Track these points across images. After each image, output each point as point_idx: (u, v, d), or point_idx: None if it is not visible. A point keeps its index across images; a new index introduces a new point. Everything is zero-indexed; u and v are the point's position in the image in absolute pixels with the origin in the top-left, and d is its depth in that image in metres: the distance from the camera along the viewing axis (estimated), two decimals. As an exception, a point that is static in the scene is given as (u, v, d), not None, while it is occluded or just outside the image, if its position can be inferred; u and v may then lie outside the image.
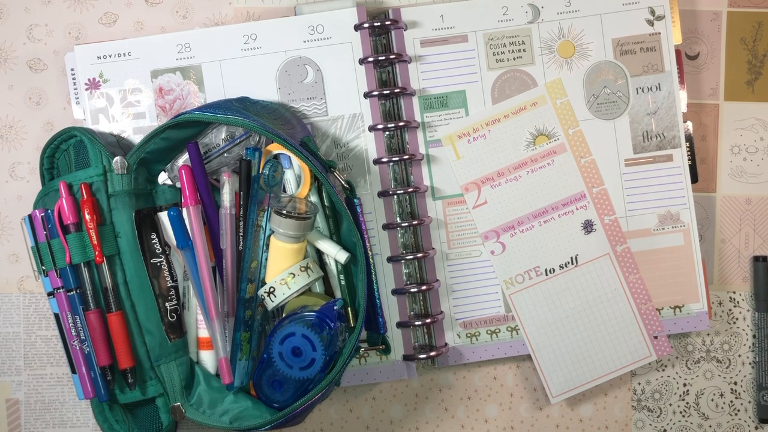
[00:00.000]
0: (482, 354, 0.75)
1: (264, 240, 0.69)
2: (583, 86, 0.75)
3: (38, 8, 0.77)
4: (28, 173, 0.77)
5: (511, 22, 0.75)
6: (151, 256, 0.70)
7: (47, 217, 0.68)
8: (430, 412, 0.77)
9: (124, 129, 0.74)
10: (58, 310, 0.68)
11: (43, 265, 0.68)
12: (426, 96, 0.74)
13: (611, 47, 0.75)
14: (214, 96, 0.73)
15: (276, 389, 0.69)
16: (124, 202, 0.68)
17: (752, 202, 0.78)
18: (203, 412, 0.69)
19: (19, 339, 0.76)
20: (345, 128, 0.74)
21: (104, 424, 0.69)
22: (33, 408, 0.76)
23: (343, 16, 0.73)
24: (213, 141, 0.70)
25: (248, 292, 0.68)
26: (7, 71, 0.77)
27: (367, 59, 0.73)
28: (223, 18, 0.77)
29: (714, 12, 0.78)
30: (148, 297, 0.69)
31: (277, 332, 0.66)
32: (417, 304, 0.75)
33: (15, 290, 0.77)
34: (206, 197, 0.68)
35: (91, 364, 0.68)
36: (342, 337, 0.68)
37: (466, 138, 0.75)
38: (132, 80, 0.74)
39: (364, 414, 0.77)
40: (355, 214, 0.69)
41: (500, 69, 0.75)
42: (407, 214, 0.75)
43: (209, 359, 0.72)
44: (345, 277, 0.71)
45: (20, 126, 0.77)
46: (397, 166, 0.74)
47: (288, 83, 0.73)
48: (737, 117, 0.78)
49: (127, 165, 0.68)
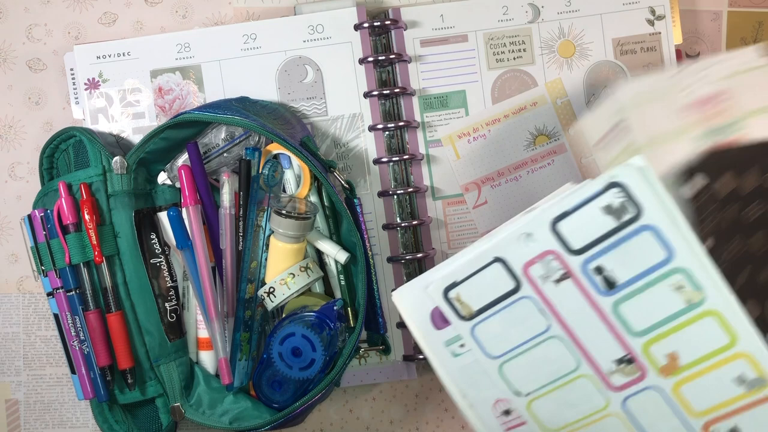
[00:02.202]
0: (482, 354, 0.75)
1: (264, 240, 0.69)
2: (584, 86, 0.75)
3: (38, 8, 0.77)
4: (27, 173, 0.77)
5: (511, 21, 0.74)
6: (151, 256, 0.70)
7: (47, 217, 0.68)
8: (430, 413, 0.77)
9: (124, 129, 0.74)
10: (57, 311, 0.68)
11: (42, 265, 0.68)
12: (426, 96, 0.74)
13: (611, 47, 0.75)
14: (214, 96, 0.73)
15: (276, 389, 0.69)
16: (123, 202, 0.68)
17: (752, 202, 0.78)
18: (203, 413, 0.69)
19: (18, 339, 0.76)
20: (345, 128, 0.74)
21: (104, 425, 0.69)
22: (32, 408, 0.76)
23: (343, 16, 0.73)
24: (213, 141, 0.70)
25: (248, 292, 0.68)
26: (7, 71, 0.77)
27: (367, 59, 0.73)
28: (223, 18, 0.77)
29: (714, 12, 0.78)
30: (147, 297, 0.69)
31: (277, 332, 0.66)
32: (417, 305, 0.75)
33: (14, 290, 0.77)
34: (206, 197, 0.68)
35: (90, 364, 0.68)
36: (342, 337, 0.68)
37: (466, 138, 0.75)
38: (131, 80, 0.74)
39: (364, 414, 0.77)
40: (355, 214, 0.69)
41: (500, 69, 0.75)
42: (407, 214, 0.74)
43: (209, 359, 0.72)
44: (345, 277, 0.70)
45: (20, 126, 0.77)
46: (397, 166, 0.74)
47: (288, 83, 0.73)
48: (737, 117, 0.78)
49: (126, 165, 0.68)
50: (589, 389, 0.47)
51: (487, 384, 0.50)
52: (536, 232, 0.44)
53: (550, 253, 0.45)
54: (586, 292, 0.45)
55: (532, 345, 0.48)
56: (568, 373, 0.48)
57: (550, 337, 0.47)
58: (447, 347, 0.51)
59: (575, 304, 0.45)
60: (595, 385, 0.47)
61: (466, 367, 0.51)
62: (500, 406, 0.51)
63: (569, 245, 0.44)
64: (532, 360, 0.47)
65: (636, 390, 0.47)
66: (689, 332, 0.45)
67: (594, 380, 0.47)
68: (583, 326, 0.46)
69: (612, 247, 0.44)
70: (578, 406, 0.48)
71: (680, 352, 0.45)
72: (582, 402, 0.48)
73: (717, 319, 0.44)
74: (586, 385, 0.47)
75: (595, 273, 0.44)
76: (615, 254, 0.44)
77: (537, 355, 0.47)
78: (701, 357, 0.45)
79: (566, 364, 0.47)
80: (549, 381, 0.48)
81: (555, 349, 0.47)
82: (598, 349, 0.46)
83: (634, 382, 0.47)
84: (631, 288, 0.44)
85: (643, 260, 0.43)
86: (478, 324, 0.47)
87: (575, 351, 0.46)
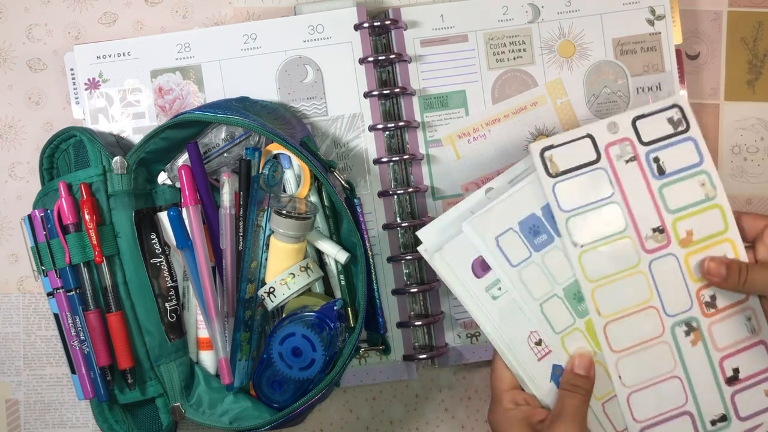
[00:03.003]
0: (482, 354, 0.75)
1: (264, 240, 0.69)
2: (584, 86, 0.75)
3: (38, 8, 0.77)
4: (27, 173, 0.77)
5: (511, 21, 0.74)
6: (151, 256, 0.70)
7: (47, 217, 0.68)
8: (430, 413, 0.77)
9: (124, 129, 0.74)
10: (57, 311, 0.68)
11: (42, 265, 0.68)
12: (426, 96, 0.74)
13: (611, 47, 0.75)
14: (214, 96, 0.73)
15: (276, 389, 0.69)
16: (123, 202, 0.68)
17: (753, 202, 0.78)
18: (203, 413, 0.69)
19: (18, 339, 0.76)
20: (345, 128, 0.74)
21: (104, 425, 0.69)
22: (33, 408, 0.76)
23: (343, 16, 0.73)
24: (213, 141, 0.70)
25: (248, 292, 0.68)
26: (7, 71, 0.77)
27: (367, 59, 0.73)
28: (223, 18, 0.77)
29: (714, 12, 0.78)
30: (147, 297, 0.69)
31: (277, 332, 0.66)
32: (417, 304, 0.75)
33: (15, 290, 0.77)
34: (206, 197, 0.68)
35: (90, 364, 0.68)
36: (342, 337, 0.68)
37: (466, 138, 0.75)
38: (131, 80, 0.74)
39: (364, 414, 0.77)
40: (355, 214, 0.69)
41: (500, 69, 0.75)
42: (407, 214, 0.74)
43: (209, 359, 0.72)
44: (345, 277, 0.70)
45: (20, 126, 0.77)
46: (397, 166, 0.74)
47: (288, 83, 0.73)
48: (738, 117, 0.78)
49: (126, 165, 0.68)
50: (629, 248, 0.62)
51: (522, 320, 0.62)
52: (621, 124, 0.62)
53: (626, 140, 0.62)
54: (644, 173, 0.62)
55: (597, 206, 0.62)
56: (618, 232, 0.62)
57: (611, 202, 0.62)
58: (487, 292, 0.62)
59: (635, 180, 0.62)
60: (634, 245, 0.62)
61: (503, 308, 0.62)
62: (533, 337, 0.62)
63: (641, 137, 0.62)
64: (594, 217, 0.62)
65: (660, 255, 0.62)
66: (703, 217, 0.62)
67: (634, 241, 0.62)
68: (636, 198, 0.62)
69: (667, 146, 0.62)
70: (617, 260, 0.62)
71: (695, 230, 0.62)
72: (621, 257, 0.62)
73: (720, 211, 0.62)
74: (627, 244, 0.62)
75: (653, 161, 0.62)
76: (668, 151, 0.62)
77: (598, 213, 0.62)
78: (706, 236, 0.62)
79: (618, 225, 0.62)
80: (602, 237, 0.62)
81: (613, 211, 0.62)
82: (642, 217, 0.62)
83: (661, 248, 0.62)
84: (674, 177, 0.62)
85: (684, 159, 0.62)
86: (559, 183, 0.61)
87: (626, 216, 0.62)
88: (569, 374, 0.61)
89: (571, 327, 0.62)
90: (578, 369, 0.61)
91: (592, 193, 0.62)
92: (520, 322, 0.62)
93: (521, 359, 0.62)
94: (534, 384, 0.62)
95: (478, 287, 0.62)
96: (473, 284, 0.62)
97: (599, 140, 0.62)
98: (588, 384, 0.61)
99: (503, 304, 0.62)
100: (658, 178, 0.62)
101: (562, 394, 0.61)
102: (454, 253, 0.62)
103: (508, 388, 0.63)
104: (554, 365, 0.62)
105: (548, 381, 0.62)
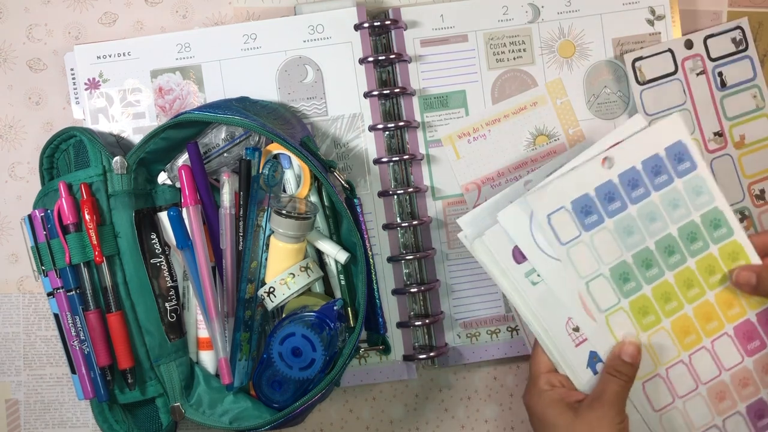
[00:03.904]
0: (482, 354, 0.75)
1: (264, 240, 0.69)
2: (584, 86, 0.75)
3: (38, 8, 0.77)
4: (27, 173, 0.77)
5: (511, 21, 0.74)
6: (151, 256, 0.70)
7: (47, 217, 0.68)
8: (430, 413, 0.77)
9: (124, 129, 0.74)
10: (57, 311, 0.68)
11: (42, 265, 0.68)
12: (426, 96, 0.74)
13: (611, 47, 0.75)
14: (214, 96, 0.73)
15: (276, 389, 0.69)
16: (123, 202, 0.68)
17: (753, 202, 0.78)
18: (203, 413, 0.69)
19: (18, 339, 0.76)
20: (345, 128, 0.74)
21: (104, 425, 0.69)
22: (33, 408, 0.76)
23: (343, 16, 0.73)
24: (213, 141, 0.70)
25: (248, 292, 0.68)
26: (7, 71, 0.77)
27: (367, 59, 0.73)
28: (223, 18, 0.77)
29: (714, 12, 0.78)
30: (147, 297, 0.69)
31: (277, 332, 0.66)
32: (417, 304, 0.75)
33: (15, 290, 0.77)
34: (206, 197, 0.68)
35: (90, 364, 0.68)
36: (342, 337, 0.68)
37: (466, 138, 0.75)
38: (132, 80, 0.74)
39: (364, 414, 0.77)
40: (355, 214, 0.69)
41: (500, 69, 0.75)
42: (407, 214, 0.74)
43: (209, 359, 0.72)
44: (345, 277, 0.70)
45: (20, 126, 0.77)
46: (397, 166, 0.74)
47: (288, 83, 0.73)
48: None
49: (126, 165, 0.68)
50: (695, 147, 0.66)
51: (560, 306, 0.63)
52: (695, 41, 0.74)
53: (698, 56, 0.74)
54: (710, 84, 0.74)
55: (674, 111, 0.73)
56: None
57: (684, 109, 0.74)
58: (527, 278, 0.63)
59: (702, 90, 0.74)
60: (699, 144, 0.74)
61: (542, 294, 0.63)
62: (571, 323, 0.63)
63: (710, 54, 0.74)
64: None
65: (719, 155, 0.75)
66: (754, 124, 0.75)
67: (698, 141, 0.74)
68: (702, 105, 0.74)
69: (730, 62, 0.75)
70: None
71: (746, 135, 0.75)
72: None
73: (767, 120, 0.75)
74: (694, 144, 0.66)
75: (718, 75, 0.74)
76: (730, 67, 0.75)
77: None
78: (757, 140, 0.75)
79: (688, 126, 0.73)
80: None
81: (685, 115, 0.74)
82: (706, 121, 0.74)
83: (719, 149, 0.75)
84: (732, 90, 0.75)
85: (741, 74, 0.75)
86: (645, 90, 0.74)
87: (694, 119, 0.74)
88: (616, 359, 0.62)
89: (616, 306, 0.63)
90: (625, 356, 0.62)
91: (671, 99, 0.74)
92: (558, 308, 0.63)
93: (559, 345, 0.63)
94: (570, 369, 0.63)
95: (519, 273, 0.63)
96: (513, 270, 0.63)
97: (677, 55, 0.73)
98: (632, 371, 0.62)
99: (542, 290, 0.63)
100: (720, 90, 0.74)
101: (605, 378, 0.62)
102: (495, 238, 0.63)
103: (545, 370, 0.64)
104: (591, 352, 0.63)
105: (584, 367, 0.63)
